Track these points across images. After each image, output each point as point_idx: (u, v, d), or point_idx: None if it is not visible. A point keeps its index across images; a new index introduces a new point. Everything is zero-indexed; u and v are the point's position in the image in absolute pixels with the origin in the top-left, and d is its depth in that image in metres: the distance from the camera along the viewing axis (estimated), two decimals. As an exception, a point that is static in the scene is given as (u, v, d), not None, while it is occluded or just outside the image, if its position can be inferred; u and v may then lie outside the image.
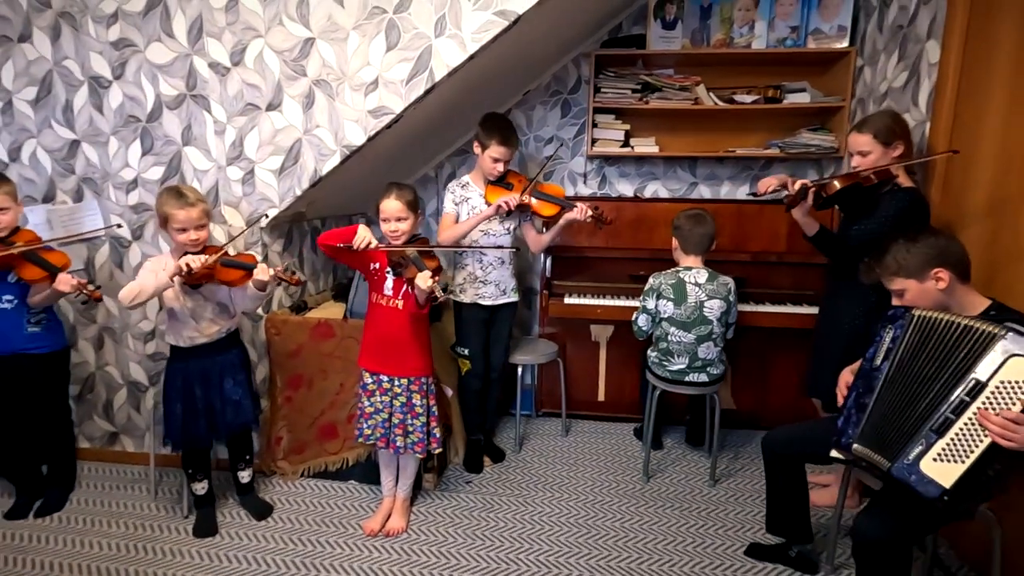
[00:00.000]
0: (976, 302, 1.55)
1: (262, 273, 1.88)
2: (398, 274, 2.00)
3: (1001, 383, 1.28)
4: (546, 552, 2.06)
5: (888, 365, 1.53)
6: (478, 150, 2.38)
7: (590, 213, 2.35)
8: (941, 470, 1.32)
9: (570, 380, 3.02)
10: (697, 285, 2.31)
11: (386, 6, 2.14)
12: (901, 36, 2.41)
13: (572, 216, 2.37)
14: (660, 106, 2.88)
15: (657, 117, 3.01)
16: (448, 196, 2.43)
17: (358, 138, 2.26)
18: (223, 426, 2.05)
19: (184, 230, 1.88)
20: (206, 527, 2.12)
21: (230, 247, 1.99)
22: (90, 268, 2.47)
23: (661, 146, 3.01)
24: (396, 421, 2.07)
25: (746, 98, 2.89)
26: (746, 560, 2.02)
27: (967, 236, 1.80)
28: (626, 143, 3.01)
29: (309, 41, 2.21)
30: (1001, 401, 1.28)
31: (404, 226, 2.00)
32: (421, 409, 2.09)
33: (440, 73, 2.15)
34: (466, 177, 2.49)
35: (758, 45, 2.84)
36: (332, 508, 2.30)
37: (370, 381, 2.09)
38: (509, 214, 2.37)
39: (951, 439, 1.32)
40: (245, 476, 2.26)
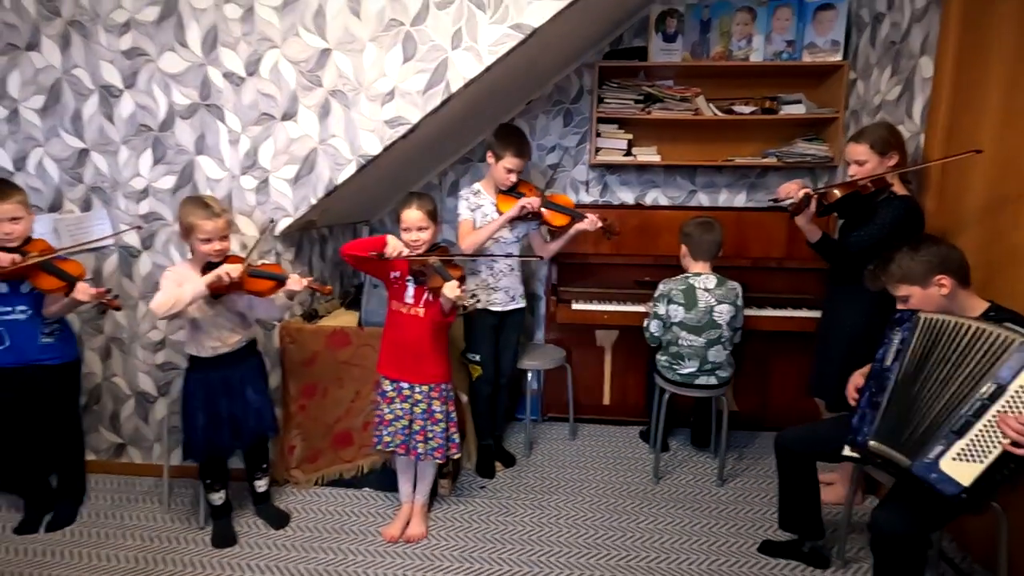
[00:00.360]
0: (976, 305, 1.64)
1: (295, 284, 1.90)
2: (420, 282, 2.03)
3: (1021, 387, 1.34)
4: (566, 554, 2.10)
5: (898, 365, 1.61)
6: (492, 160, 2.42)
7: (600, 224, 2.41)
8: (960, 469, 1.39)
9: (575, 384, 3.07)
10: (707, 290, 2.38)
11: (403, 18, 2.17)
12: (894, 52, 2.53)
13: (582, 227, 2.43)
14: (662, 116, 2.97)
15: (658, 127, 3.09)
16: (463, 203, 2.47)
17: (374, 148, 2.28)
18: (247, 434, 2.05)
19: (209, 240, 1.89)
20: (225, 537, 2.11)
21: (255, 255, 2.00)
22: (98, 278, 2.45)
23: (662, 155, 3.09)
24: (417, 428, 2.09)
25: (744, 109, 2.99)
26: (760, 557, 2.08)
27: (962, 241, 1.89)
28: (628, 152, 3.08)
29: (325, 52, 2.23)
30: (1019, 405, 1.35)
31: (425, 235, 2.04)
32: (441, 415, 2.11)
33: (456, 84, 2.19)
34: (477, 185, 2.53)
35: (755, 58, 2.94)
36: (349, 516, 2.31)
37: (390, 388, 2.11)
38: (527, 218, 2.41)
39: (970, 440, 1.39)
40: (262, 485, 2.26)
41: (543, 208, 2.44)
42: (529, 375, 2.84)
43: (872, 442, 1.59)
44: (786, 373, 2.98)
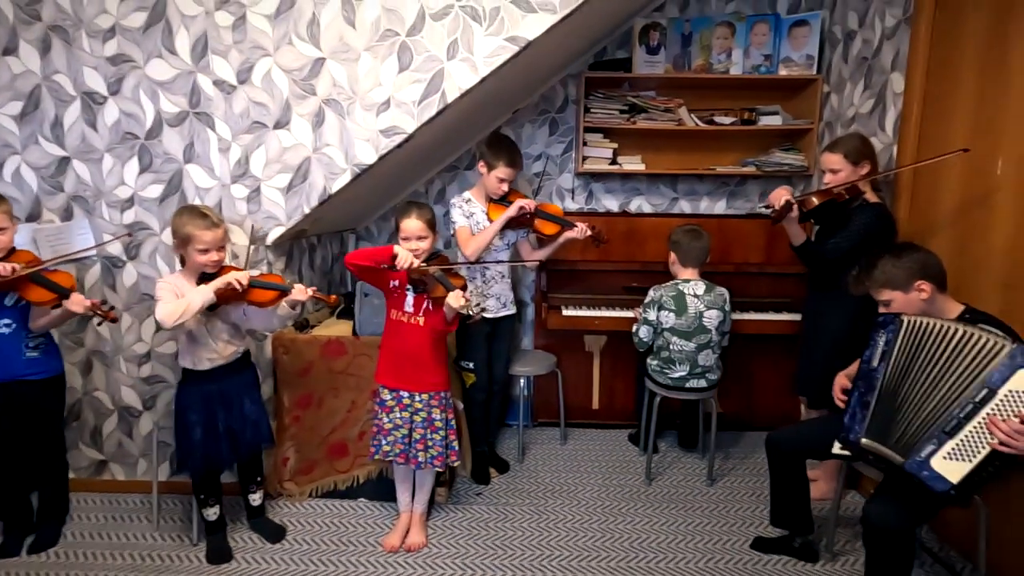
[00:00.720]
0: (952, 308, 1.75)
1: (300, 294, 1.88)
2: (419, 292, 2.04)
3: (1010, 392, 1.43)
4: (566, 557, 2.13)
5: (885, 366, 1.70)
6: (484, 170, 2.44)
7: (589, 232, 2.46)
8: (950, 468, 1.47)
9: (565, 389, 3.11)
10: (696, 296, 2.45)
11: (398, 28, 2.19)
12: (866, 67, 2.66)
13: (572, 235, 2.47)
14: (646, 126, 3.05)
15: (642, 136, 3.17)
16: (456, 211, 2.48)
17: (369, 157, 2.28)
18: (244, 446, 2.02)
19: (207, 251, 1.86)
20: (221, 553, 2.07)
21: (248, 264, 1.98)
22: (80, 289, 2.36)
23: (647, 164, 3.17)
24: (417, 436, 2.10)
25: (724, 120, 3.09)
26: (752, 553, 2.15)
27: (933, 247, 1.97)
28: (614, 161, 3.15)
29: (319, 61, 2.23)
30: (1008, 409, 1.43)
31: (425, 244, 2.05)
32: (440, 423, 2.12)
33: (452, 95, 2.21)
34: (468, 194, 2.55)
35: (735, 71, 3.04)
36: (346, 527, 2.29)
37: (389, 397, 2.11)
38: (520, 223, 2.44)
39: (961, 440, 1.47)
40: (256, 499, 2.22)
41: (535, 216, 2.48)
42: (521, 381, 2.87)
43: (864, 440, 1.67)
44: (768, 374, 3.08)
